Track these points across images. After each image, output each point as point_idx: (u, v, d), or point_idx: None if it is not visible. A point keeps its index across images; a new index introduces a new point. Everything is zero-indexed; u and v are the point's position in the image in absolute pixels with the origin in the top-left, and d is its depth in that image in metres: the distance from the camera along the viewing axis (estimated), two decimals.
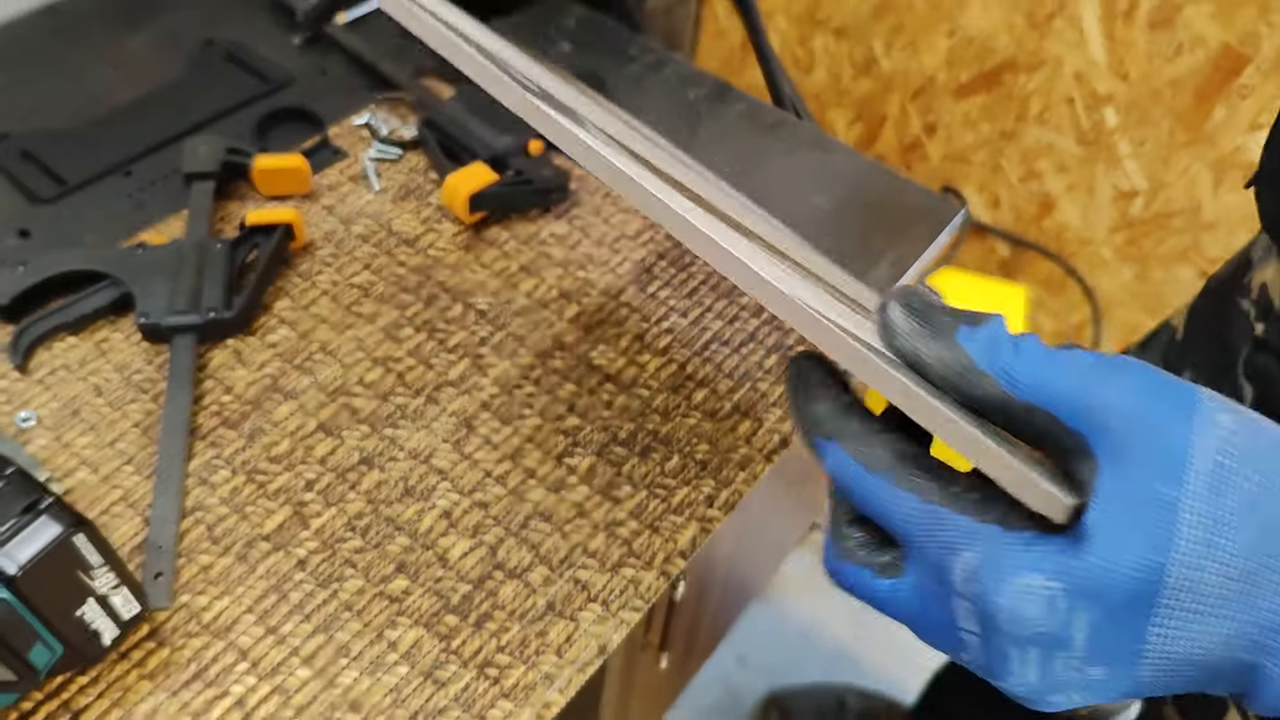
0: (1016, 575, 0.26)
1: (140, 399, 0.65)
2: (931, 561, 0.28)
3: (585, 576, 0.59)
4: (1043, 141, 1.39)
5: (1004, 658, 0.27)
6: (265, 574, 0.58)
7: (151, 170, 0.77)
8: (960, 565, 0.27)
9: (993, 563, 0.26)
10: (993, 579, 0.26)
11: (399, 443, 0.64)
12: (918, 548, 0.28)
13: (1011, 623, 0.26)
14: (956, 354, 0.28)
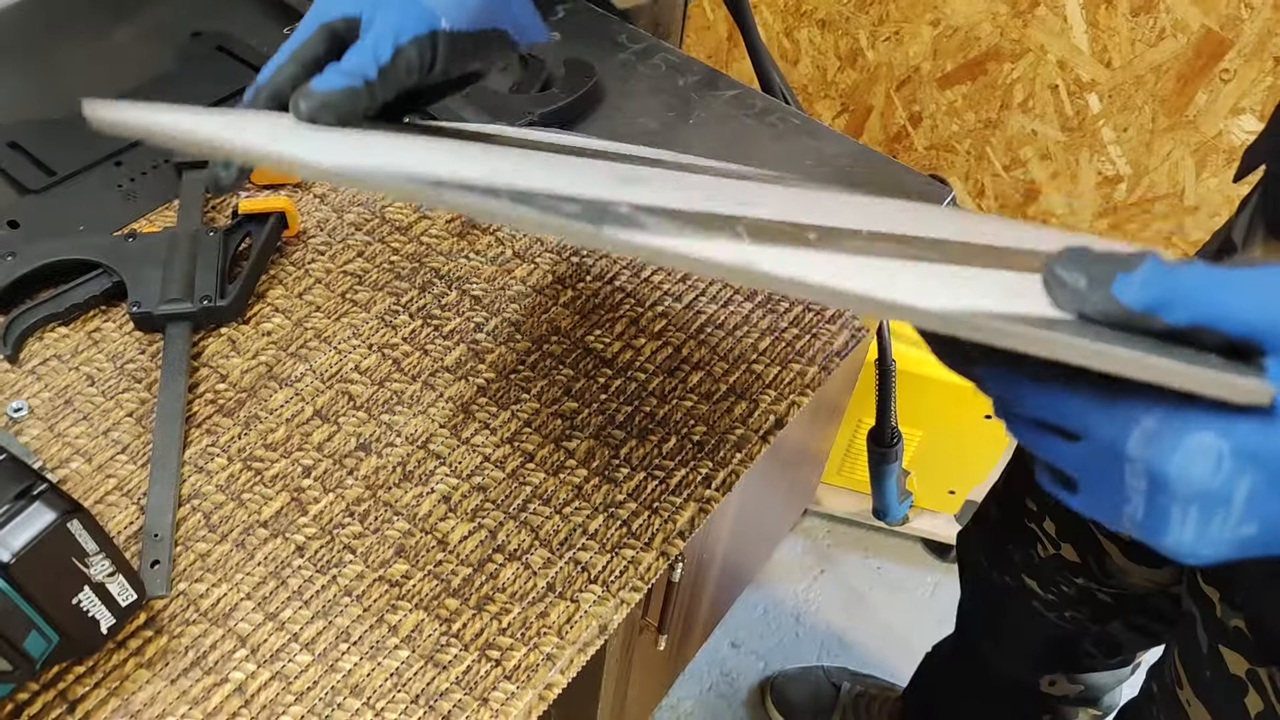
0: (1192, 435, 0.29)
1: (134, 388, 0.64)
2: (1106, 435, 0.31)
3: (585, 558, 0.59)
4: (1027, 129, 1.40)
5: (1165, 515, 0.29)
6: (264, 560, 0.58)
7: (142, 161, 0.77)
8: (1139, 430, 0.30)
9: (1172, 426, 0.29)
10: (1171, 439, 0.29)
11: (396, 428, 0.64)
12: (1094, 424, 0.31)
13: (1180, 480, 0.29)
14: (1115, 306, 0.30)
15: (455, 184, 0.37)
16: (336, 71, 0.46)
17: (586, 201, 0.38)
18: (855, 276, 0.33)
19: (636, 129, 0.86)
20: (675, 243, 0.33)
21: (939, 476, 1.34)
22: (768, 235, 0.39)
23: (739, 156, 0.84)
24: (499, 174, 0.43)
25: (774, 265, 0.32)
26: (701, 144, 0.85)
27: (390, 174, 0.36)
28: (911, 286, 0.34)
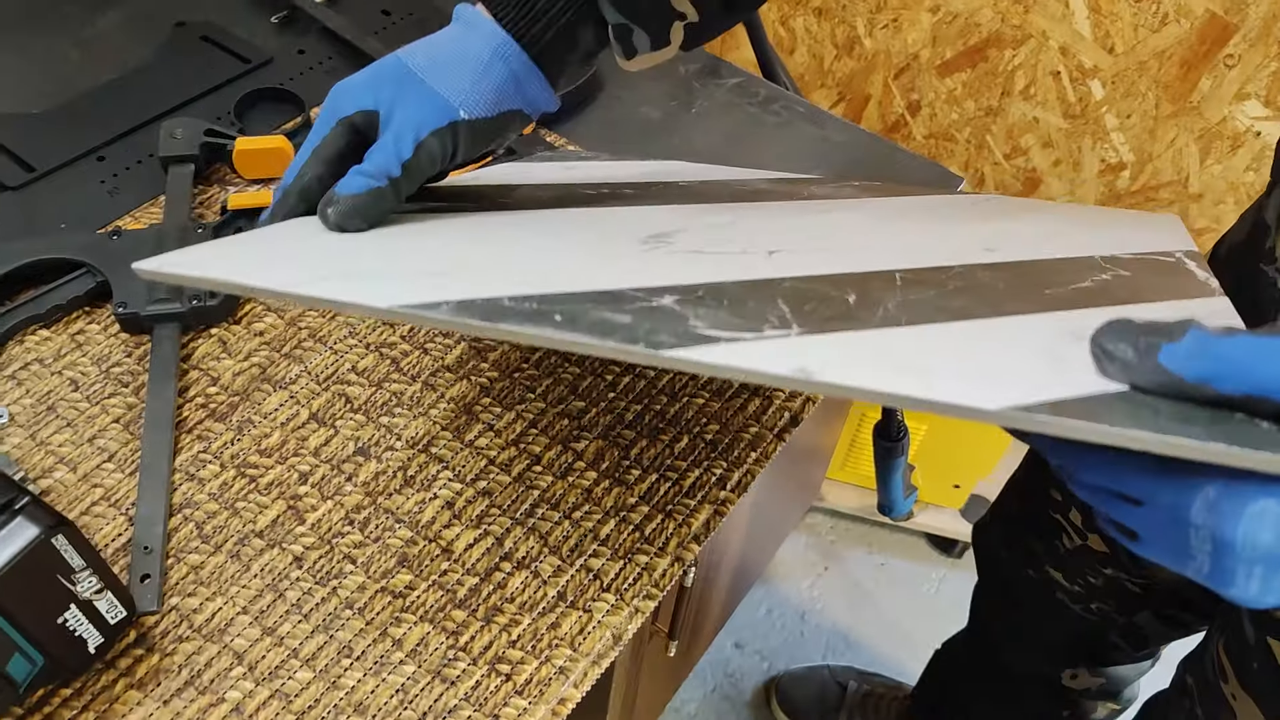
0: (1253, 503, 0.29)
1: (120, 393, 0.61)
2: (1169, 503, 0.32)
3: (597, 565, 0.57)
4: (1028, 117, 1.38)
5: (1230, 574, 0.30)
6: (260, 572, 0.55)
7: (126, 155, 0.74)
8: (1202, 498, 0.31)
9: (1233, 494, 0.30)
10: (1233, 507, 0.30)
11: (396, 431, 0.61)
12: (1157, 493, 0.32)
13: (1245, 546, 0.29)
14: (1165, 376, 0.31)
15: (506, 307, 0.39)
16: (360, 174, 0.48)
17: (636, 311, 0.40)
18: (902, 373, 0.35)
19: (637, 119, 0.83)
20: (731, 359, 0.36)
21: (944, 471, 1.32)
22: (812, 314, 0.41)
23: (744, 147, 0.81)
24: (534, 267, 0.45)
25: (830, 374, 0.34)
26: (705, 134, 0.82)
27: (448, 312, 0.39)
28: (961, 373, 0.36)
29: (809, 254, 0.49)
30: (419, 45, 0.50)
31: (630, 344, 0.37)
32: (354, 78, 0.50)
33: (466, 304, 0.39)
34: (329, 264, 0.44)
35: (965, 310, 0.42)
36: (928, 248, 0.52)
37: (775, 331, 0.39)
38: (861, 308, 0.42)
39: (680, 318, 0.40)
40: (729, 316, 0.40)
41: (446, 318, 0.38)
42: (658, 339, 0.38)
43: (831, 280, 0.45)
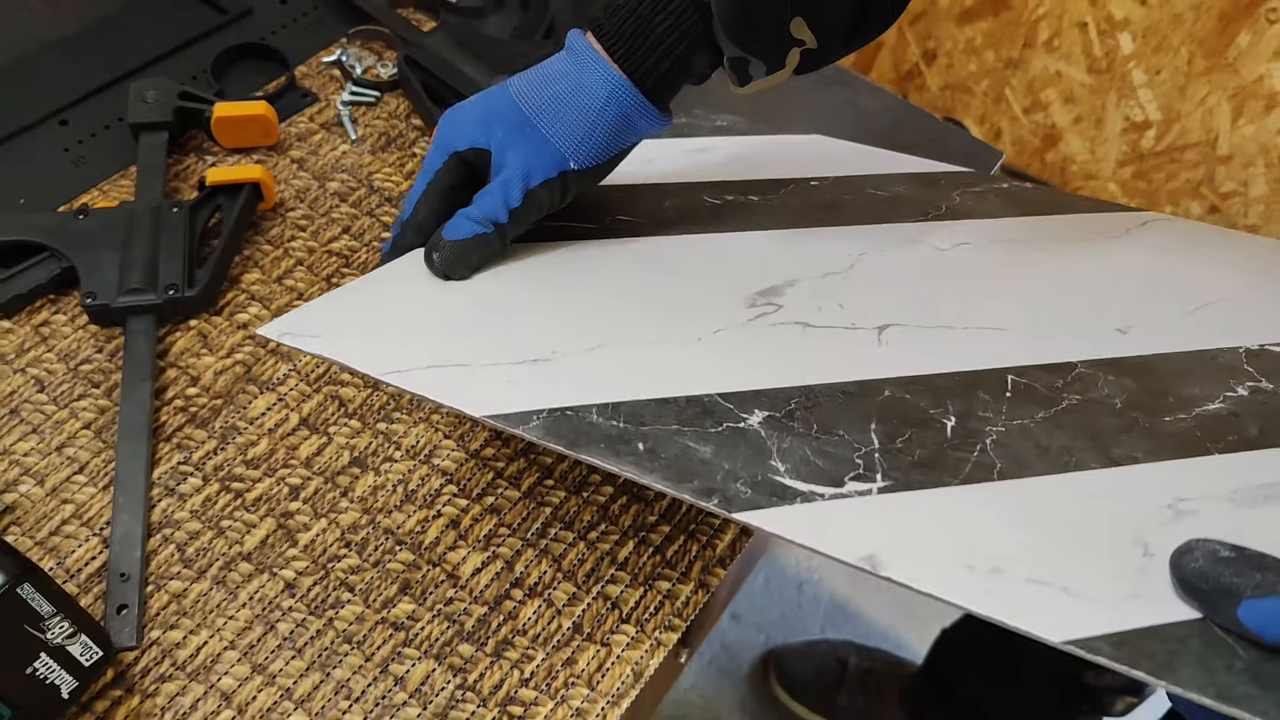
0: None
1: (91, 394, 0.56)
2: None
3: (615, 592, 0.52)
4: (1051, 70, 1.31)
5: None
6: (248, 601, 0.50)
7: (92, 119, 0.67)
8: None
9: None
10: None
11: (395, 439, 0.56)
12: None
13: None
14: (1243, 630, 0.31)
15: (592, 426, 0.41)
16: (467, 218, 0.49)
17: (722, 438, 0.40)
18: (973, 576, 0.34)
19: None
20: (802, 534, 0.35)
21: None
22: (902, 454, 0.39)
23: (770, 110, 0.75)
24: (629, 360, 0.45)
25: (898, 570, 0.34)
26: (729, 97, 0.76)
27: (538, 431, 0.40)
28: (1036, 576, 0.34)
29: (925, 332, 0.47)
30: (530, 81, 0.49)
31: (704, 498, 0.38)
32: (466, 108, 0.50)
33: (557, 419, 0.41)
34: (428, 341, 0.45)
35: (1066, 454, 0.39)
36: (1057, 321, 0.49)
37: (857, 485, 0.38)
38: (957, 444, 0.40)
39: (763, 452, 0.39)
40: (813, 454, 0.39)
41: (536, 437, 0.40)
42: (732, 490, 0.38)
43: (936, 388, 0.43)
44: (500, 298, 0.49)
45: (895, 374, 0.44)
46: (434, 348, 0.45)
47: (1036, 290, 0.52)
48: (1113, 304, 0.50)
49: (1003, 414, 0.41)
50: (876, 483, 0.38)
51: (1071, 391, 0.43)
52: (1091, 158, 1.35)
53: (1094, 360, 0.45)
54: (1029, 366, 0.45)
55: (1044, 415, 0.41)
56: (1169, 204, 1.32)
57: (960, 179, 0.62)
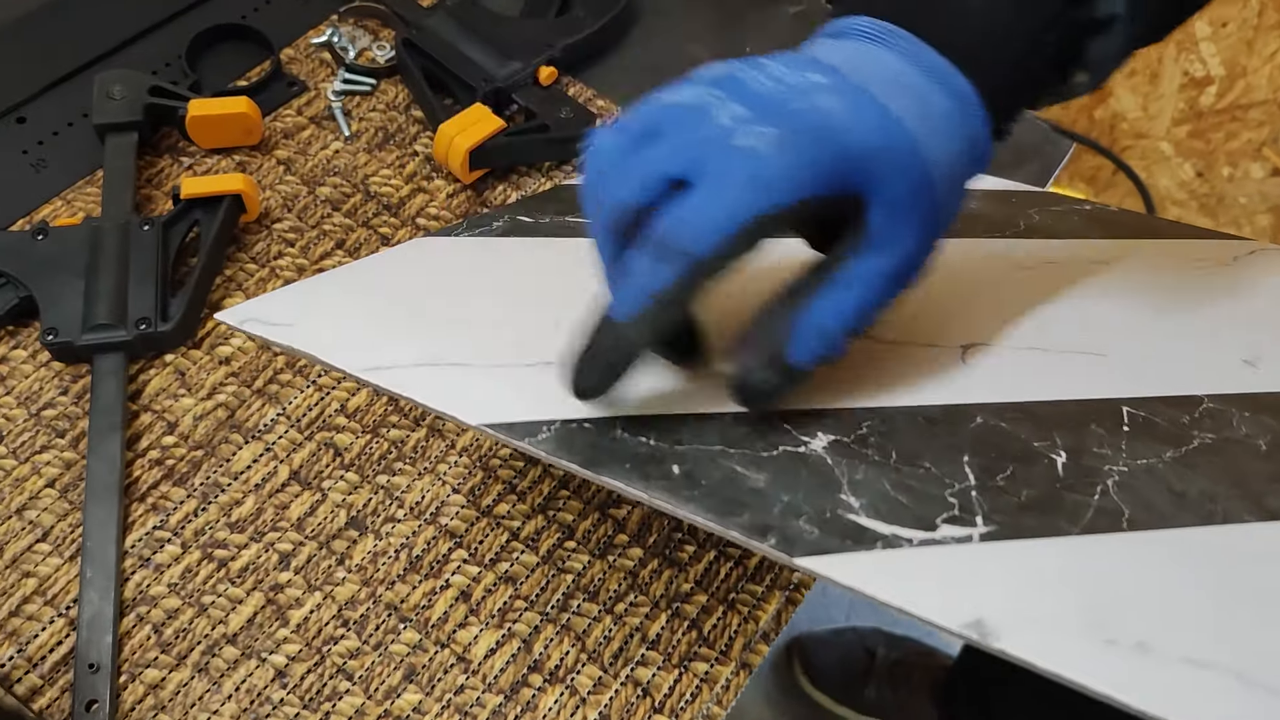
0: None
1: (55, 444, 0.50)
2: None
3: (646, 676, 0.46)
4: None
5: None
6: (234, 692, 0.45)
7: (53, 115, 0.60)
8: None
9: None
10: None
11: (397, 495, 0.50)
12: None
13: None
14: None
15: (616, 442, 0.33)
16: (839, 327, 0.33)
17: (778, 463, 0.32)
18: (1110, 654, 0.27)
19: (681, 61, 0.68)
20: (886, 590, 0.28)
21: None
22: (1006, 493, 0.31)
23: None
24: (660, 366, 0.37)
25: (1015, 643, 0.26)
26: None
27: (549, 444, 0.33)
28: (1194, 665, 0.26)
29: (1014, 354, 0.39)
30: (906, 101, 0.32)
31: (758, 536, 0.29)
32: (817, 128, 0.31)
33: (572, 432, 0.33)
34: (422, 334, 0.38)
35: (1209, 501, 0.31)
36: (1171, 349, 0.41)
37: (953, 529, 0.30)
38: (1071, 484, 0.32)
39: (830, 483, 0.31)
40: (894, 489, 0.31)
41: (546, 452, 0.32)
42: (793, 529, 0.29)
43: (1037, 416, 0.35)
44: (515, 289, 0.42)
45: (988, 399, 0.37)
46: (428, 342, 0.38)
47: (1139, 316, 0.45)
48: (1232, 334, 0.43)
49: (1123, 451, 0.34)
50: (978, 527, 0.30)
51: (1202, 429, 0.36)
52: (1144, 115, 1.25)
53: (1223, 394, 0.38)
54: (1146, 398, 0.38)
55: (1173, 455, 0.34)
56: (1227, 165, 1.23)
57: (1036, 198, 0.54)
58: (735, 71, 0.32)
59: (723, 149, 0.30)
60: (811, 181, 0.30)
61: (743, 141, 0.30)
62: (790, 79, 0.31)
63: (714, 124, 0.31)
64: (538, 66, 0.62)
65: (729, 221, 0.30)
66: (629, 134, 0.32)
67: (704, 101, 0.31)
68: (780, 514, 0.30)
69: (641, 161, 0.31)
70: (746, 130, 0.30)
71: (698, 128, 0.31)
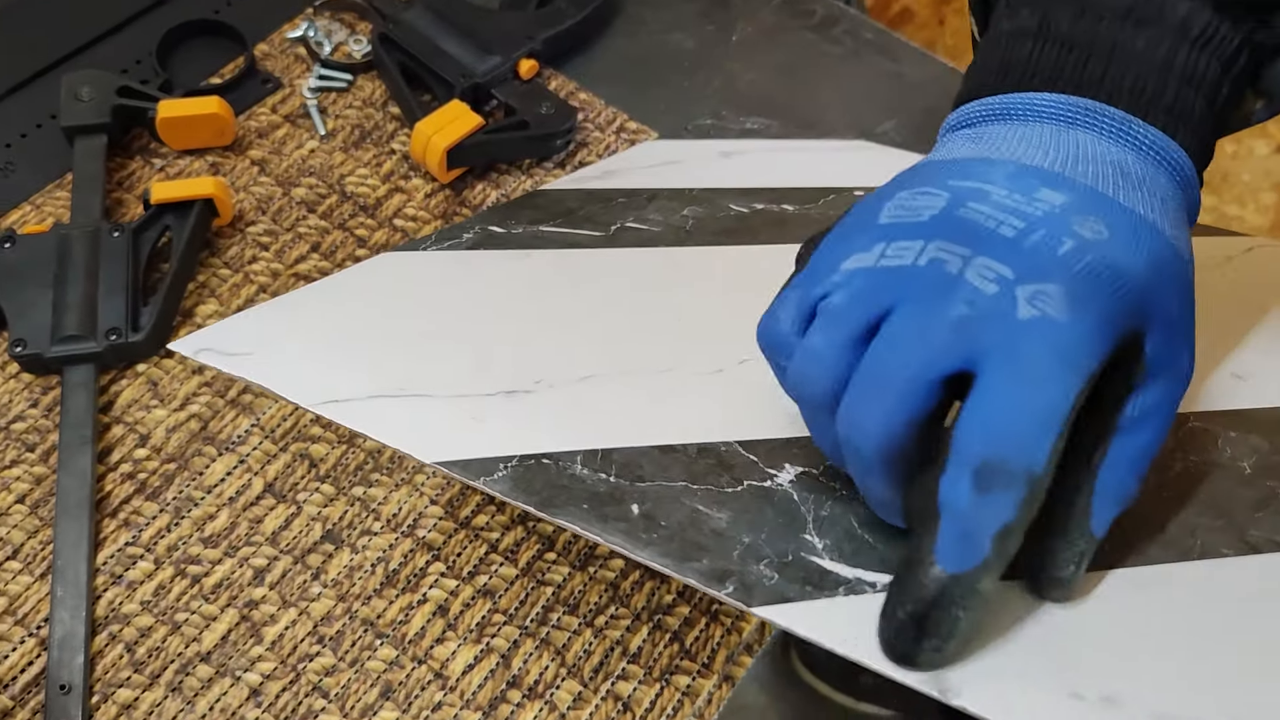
0: None
1: (25, 459, 0.49)
2: None
3: (627, 691, 0.46)
4: None
5: None
6: (208, 711, 0.44)
7: (20, 117, 0.58)
8: None
9: None
10: None
11: (373, 507, 0.49)
12: None
13: None
14: None
15: (574, 480, 0.32)
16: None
17: (741, 500, 0.32)
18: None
19: (667, 51, 0.67)
20: (845, 644, 0.28)
21: None
22: None
23: (799, 87, 0.66)
24: (620, 398, 0.36)
25: (978, 702, 0.25)
26: (750, 69, 0.66)
27: (505, 484, 0.32)
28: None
29: None
30: (1142, 197, 0.28)
31: (714, 584, 0.29)
32: (1127, 274, 0.26)
33: (530, 469, 0.32)
34: (380, 363, 0.37)
35: (1188, 535, 0.30)
36: None
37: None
38: (1051, 513, 0.30)
39: (795, 521, 0.31)
40: (861, 526, 0.31)
41: (501, 492, 0.32)
42: (753, 575, 0.29)
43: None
44: (482, 308, 0.41)
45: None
46: (388, 371, 0.37)
47: None
48: (1222, 345, 0.42)
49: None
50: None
51: (1185, 453, 0.35)
52: None
53: (1208, 412, 0.37)
54: None
55: (1155, 482, 0.33)
56: (1231, 142, 1.21)
57: None
58: (958, 212, 0.26)
59: (1007, 325, 0.24)
60: (1114, 336, 0.25)
61: (1028, 311, 0.24)
62: (1030, 209, 0.26)
63: (975, 293, 0.25)
64: (518, 60, 0.60)
65: (1056, 414, 0.24)
66: (845, 324, 0.26)
67: (940, 261, 0.25)
68: (740, 557, 0.29)
69: (901, 363, 0.25)
70: (1024, 295, 0.24)
71: (954, 301, 0.25)
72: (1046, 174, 0.27)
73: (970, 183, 0.27)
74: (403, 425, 0.33)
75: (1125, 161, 0.28)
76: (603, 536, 0.30)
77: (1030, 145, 0.28)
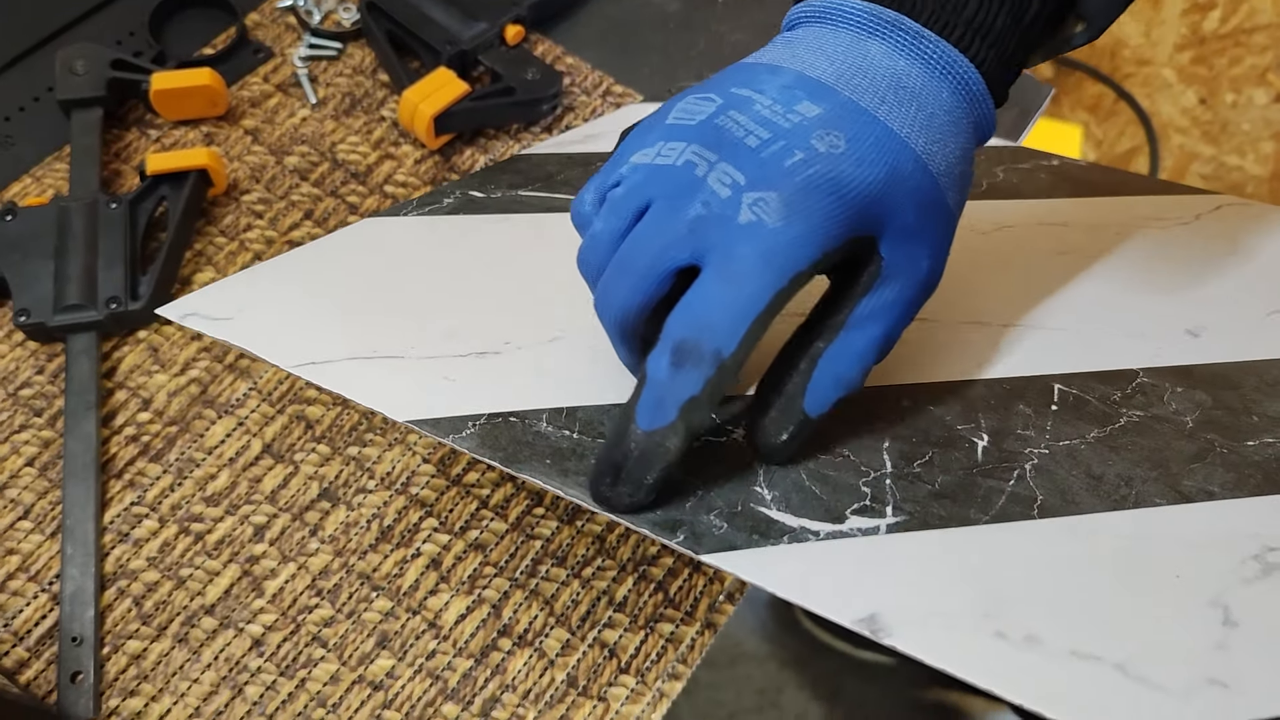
0: None
1: (33, 424, 0.51)
2: None
3: (613, 638, 0.48)
4: None
5: None
6: (213, 661, 0.46)
7: (18, 90, 0.60)
8: None
9: None
10: None
11: (368, 466, 0.51)
12: None
13: None
14: None
15: (538, 436, 0.33)
16: (856, 367, 0.32)
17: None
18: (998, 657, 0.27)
19: (650, 14, 0.68)
20: (785, 585, 0.28)
21: None
22: (920, 480, 0.31)
23: None
24: (579, 358, 0.37)
25: (904, 638, 0.27)
26: (736, 31, 0.67)
27: (473, 441, 0.33)
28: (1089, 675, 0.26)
29: (953, 329, 0.39)
30: (911, 111, 0.30)
31: (667, 533, 0.30)
32: (845, 175, 0.29)
33: (496, 426, 0.33)
34: (357, 326, 0.38)
35: (1124, 485, 0.32)
36: (1114, 320, 0.40)
37: (861, 520, 0.30)
38: (989, 469, 0.32)
39: (747, 474, 0.32)
40: (809, 479, 0.32)
41: (469, 449, 0.33)
42: (703, 524, 0.30)
43: (966, 398, 0.35)
44: (458, 272, 0.42)
45: (917, 379, 0.37)
46: (363, 334, 0.38)
47: (1091, 283, 0.45)
48: (1181, 301, 0.43)
49: (1046, 432, 0.34)
50: (886, 518, 0.31)
51: (1131, 406, 0.36)
52: (1146, 41, 1.22)
53: (1159, 368, 0.38)
54: (1079, 374, 0.38)
55: (1097, 435, 0.35)
56: (1231, 91, 1.21)
57: (1004, 154, 0.53)
58: (718, 120, 0.29)
59: (727, 227, 0.28)
60: (824, 242, 0.28)
61: (747, 216, 0.28)
62: (781, 121, 0.29)
63: (711, 196, 0.28)
64: (503, 26, 0.61)
65: (750, 309, 0.28)
66: (618, 214, 0.30)
67: (692, 165, 0.29)
68: (692, 509, 0.30)
69: (642, 254, 0.29)
70: (748, 201, 0.28)
71: (693, 202, 0.28)
72: (816, 86, 0.29)
73: (745, 91, 0.30)
74: (375, 386, 0.35)
75: (907, 74, 0.30)
76: (563, 490, 0.31)
77: (822, 54, 0.30)
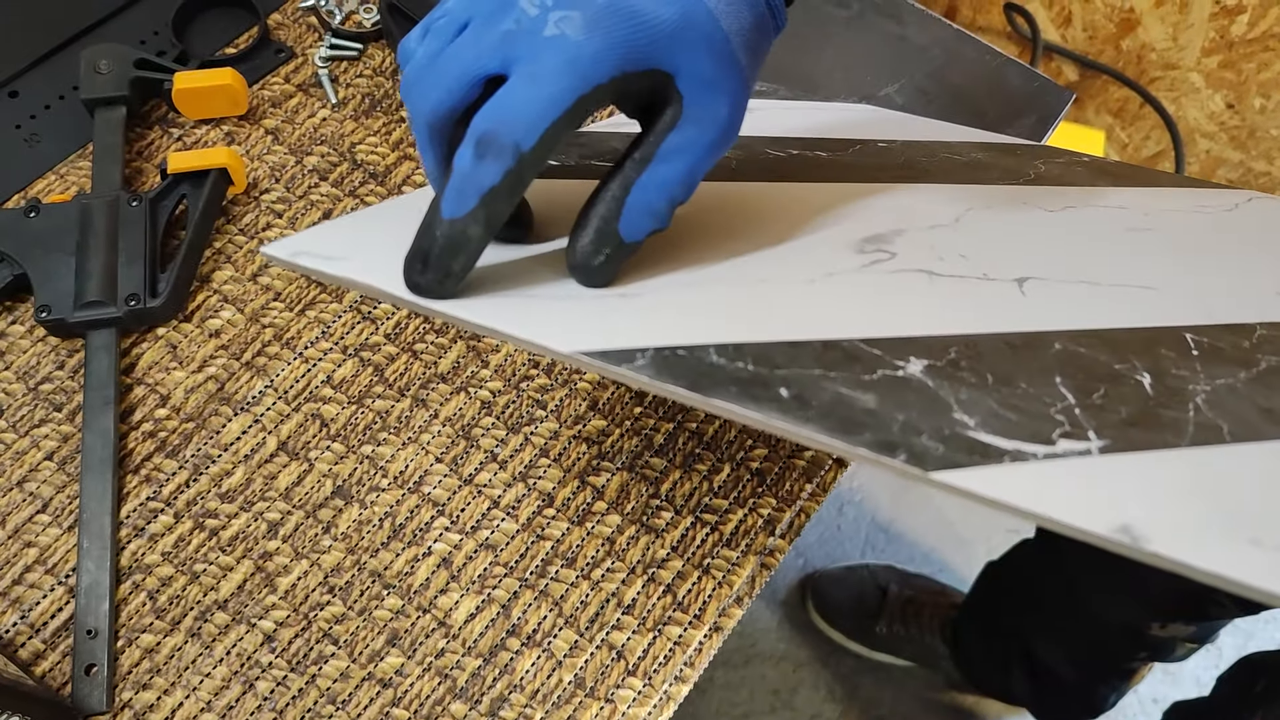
0: None
1: (53, 418, 0.52)
2: None
3: (621, 640, 0.48)
4: None
5: None
6: (225, 656, 0.47)
7: (43, 89, 0.60)
8: None
9: None
10: None
11: (381, 465, 0.51)
12: None
13: None
14: None
15: (714, 367, 0.31)
16: (664, 198, 0.35)
17: (880, 385, 0.31)
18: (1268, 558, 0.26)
19: None
20: (1029, 499, 0.27)
21: None
22: (1106, 410, 0.31)
23: (801, 52, 0.66)
24: (737, 295, 0.36)
25: (1170, 545, 0.26)
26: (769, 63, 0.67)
27: (647, 369, 0.31)
28: None
29: (1069, 287, 0.39)
30: None
31: (886, 452, 0.28)
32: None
33: (667, 358, 0.31)
34: (503, 274, 0.37)
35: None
36: (1210, 283, 0.41)
37: (1070, 444, 0.29)
38: (1165, 401, 0.32)
39: (939, 403, 0.31)
40: (1001, 408, 0.31)
41: (647, 378, 0.31)
42: (920, 446, 0.28)
43: (1110, 341, 0.35)
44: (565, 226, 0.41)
45: (1060, 326, 0.36)
46: (498, 277, 0.37)
47: (1168, 254, 0.44)
48: (1260, 270, 0.43)
49: (1199, 372, 0.34)
50: (1092, 441, 0.30)
51: (1264, 352, 0.36)
52: (1173, 45, 1.21)
53: (1272, 323, 0.38)
54: (1204, 325, 0.37)
55: (1247, 375, 0.34)
56: (1259, 97, 1.19)
57: (1038, 151, 0.54)
58: None
59: (533, 39, 0.31)
60: (622, 60, 0.32)
61: (552, 30, 0.31)
62: None
63: (521, 14, 0.32)
64: None
65: (550, 109, 0.31)
66: (437, 34, 0.33)
67: None
68: (900, 432, 0.29)
69: (454, 61, 0.32)
70: (553, 18, 0.31)
71: (506, 19, 0.32)
72: None
73: None
74: (533, 320, 0.33)
75: None
76: (761, 414, 0.29)
77: None
